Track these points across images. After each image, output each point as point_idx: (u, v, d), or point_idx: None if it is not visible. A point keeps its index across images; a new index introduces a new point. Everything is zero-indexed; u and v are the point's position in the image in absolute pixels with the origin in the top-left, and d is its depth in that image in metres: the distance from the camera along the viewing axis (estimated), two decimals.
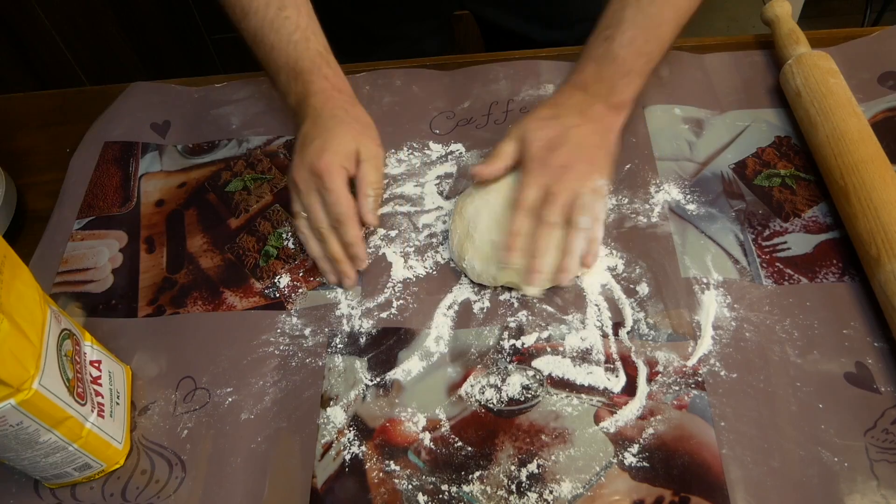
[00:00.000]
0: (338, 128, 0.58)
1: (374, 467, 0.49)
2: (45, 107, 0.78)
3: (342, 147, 0.57)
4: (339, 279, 0.58)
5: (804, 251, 0.57)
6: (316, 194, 0.57)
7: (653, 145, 0.65)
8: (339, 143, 0.57)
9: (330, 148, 0.56)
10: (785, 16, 0.70)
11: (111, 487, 0.50)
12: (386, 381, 0.53)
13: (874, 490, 0.45)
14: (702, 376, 0.50)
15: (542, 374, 0.52)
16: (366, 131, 0.60)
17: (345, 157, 0.57)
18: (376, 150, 0.60)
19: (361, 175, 0.58)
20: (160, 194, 0.68)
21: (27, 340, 0.43)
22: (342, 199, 0.56)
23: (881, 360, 0.50)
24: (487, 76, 0.73)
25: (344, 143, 0.57)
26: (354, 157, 0.58)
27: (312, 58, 0.61)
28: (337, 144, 0.57)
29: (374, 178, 0.58)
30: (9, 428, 0.43)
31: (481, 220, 0.56)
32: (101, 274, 0.62)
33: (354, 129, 0.59)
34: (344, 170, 0.57)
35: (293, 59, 0.61)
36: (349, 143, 0.58)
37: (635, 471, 0.47)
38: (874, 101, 0.66)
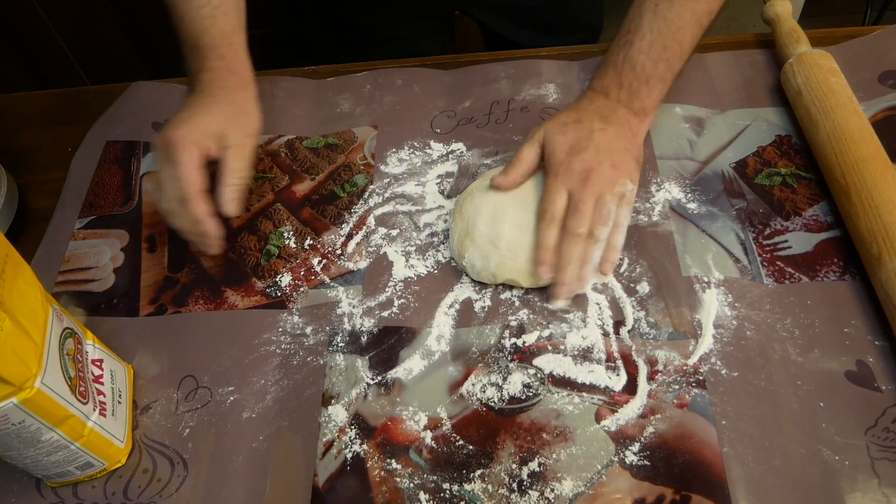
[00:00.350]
0: (208, 106, 0.57)
1: (375, 466, 0.49)
2: (46, 106, 0.79)
3: (203, 125, 0.56)
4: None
5: (805, 250, 0.57)
6: (169, 167, 0.55)
7: (654, 144, 0.65)
8: (202, 120, 0.56)
9: (189, 123, 0.56)
10: (785, 15, 0.70)
11: (113, 486, 0.50)
12: (387, 379, 0.53)
13: (875, 488, 0.45)
14: (703, 375, 0.50)
15: (543, 372, 0.52)
16: (239, 117, 0.58)
17: (203, 136, 0.56)
18: (244, 138, 0.58)
19: (224, 161, 0.56)
20: None
21: (29, 339, 0.43)
22: (186, 174, 0.55)
23: (882, 358, 0.50)
24: (488, 75, 0.73)
25: (207, 122, 0.56)
26: (216, 138, 0.56)
27: (214, 36, 0.60)
28: (198, 121, 0.56)
29: (237, 167, 0.57)
30: (11, 426, 0.43)
31: (481, 219, 0.56)
32: (103, 273, 0.62)
33: (225, 112, 0.57)
34: (196, 147, 0.55)
35: (196, 34, 0.60)
36: (213, 123, 0.56)
37: (636, 469, 0.47)
38: (875, 99, 0.66)
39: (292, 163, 0.69)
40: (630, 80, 0.59)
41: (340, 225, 0.63)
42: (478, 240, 0.55)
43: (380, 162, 0.67)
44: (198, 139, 0.55)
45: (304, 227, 0.64)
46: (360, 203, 0.65)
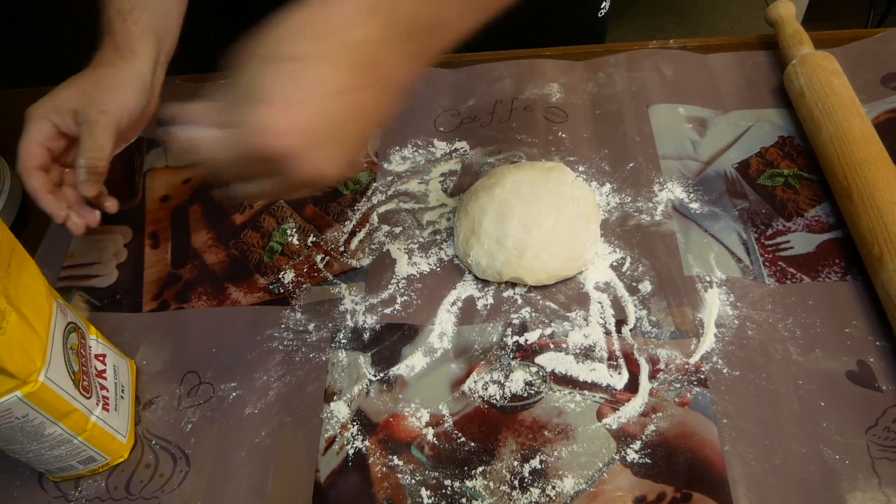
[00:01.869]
0: (71, 81, 0.55)
1: (377, 462, 0.49)
2: None
3: (54, 100, 0.54)
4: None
5: (807, 250, 0.57)
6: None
7: (657, 144, 0.65)
8: (55, 95, 0.55)
9: (46, 98, 0.55)
10: (789, 16, 0.70)
11: (115, 481, 0.51)
12: (389, 376, 0.53)
13: (875, 488, 0.45)
14: (704, 374, 0.51)
15: (546, 370, 0.52)
16: (93, 93, 0.55)
17: (52, 111, 0.54)
18: (96, 115, 0.54)
19: (80, 140, 0.54)
20: (165, 190, 0.68)
21: (34, 333, 0.43)
22: (22, 149, 0.54)
23: (883, 358, 0.50)
24: (492, 74, 0.73)
25: (62, 97, 0.54)
26: (70, 114, 0.54)
27: (111, 14, 0.57)
28: (52, 96, 0.55)
29: (87, 146, 0.54)
30: (14, 420, 0.43)
31: (487, 217, 0.56)
32: (106, 269, 0.62)
33: (81, 86, 0.55)
34: (46, 122, 0.54)
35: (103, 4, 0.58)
36: (66, 99, 0.54)
37: (637, 467, 0.47)
38: (877, 101, 0.66)
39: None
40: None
41: (343, 222, 0.63)
42: (483, 238, 0.56)
43: (383, 160, 0.67)
44: (48, 113, 0.54)
45: (308, 225, 0.64)
46: (363, 200, 0.65)
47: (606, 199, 0.62)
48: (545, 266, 0.55)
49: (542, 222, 0.55)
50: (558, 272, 0.56)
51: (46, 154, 0.55)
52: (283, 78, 0.35)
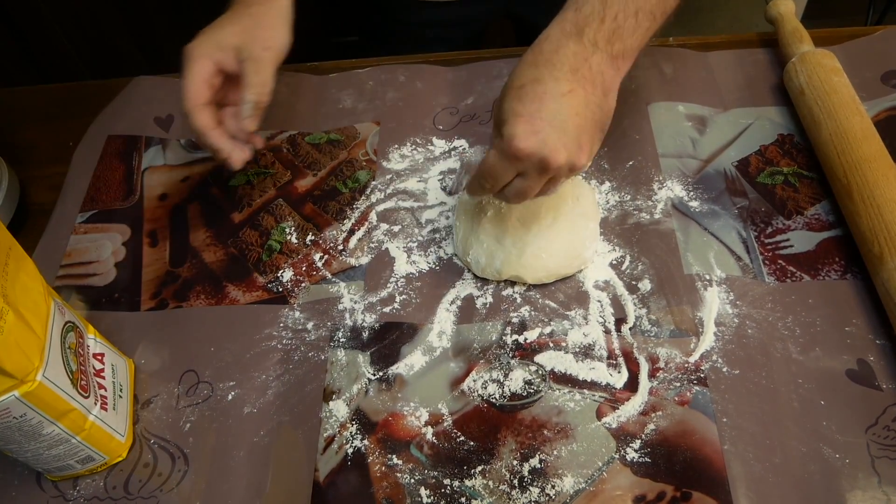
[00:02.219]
0: (227, 20, 0.56)
1: (376, 461, 0.49)
2: (48, 100, 0.78)
3: (216, 38, 0.55)
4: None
5: (806, 249, 0.57)
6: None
7: (656, 142, 0.65)
8: (216, 34, 0.55)
9: (205, 35, 0.55)
10: (789, 14, 0.70)
11: (114, 480, 0.50)
12: (388, 375, 0.53)
13: (875, 487, 0.45)
14: (704, 372, 0.50)
15: (545, 369, 0.52)
16: (254, 31, 0.56)
17: (215, 48, 0.55)
18: (260, 51, 0.55)
19: (242, 76, 0.55)
20: (163, 188, 0.68)
21: (32, 332, 0.43)
22: (187, 87, 0.54)
23: (883, 357, 0.50)
24: (491, 72, 0.73)
25: (222, 35, 0.55)
26: (232, 52, 0.55)
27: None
28: (212, 34, 0.55)
29: (254, 81, 0.55)
30: (12, 420, 0.43)
31: (486, 216, 0.56)
32: (104, 267, 0.62)
33: (241, 25, 0.56)
34: (209, 59, 0.54)
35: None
36: (227, 36, 0.55)
37: (637, 466, 0.47)
38: (877, 99, 0.66)
39: (294, 158, 0.69)
40: (616, 10, 0.47)
41: (342, 221, 0.63)
42: (482, 236, 0.56)
43: (382, 158, 0.67)
44: (211, 51, 0.54)
45: (306, 223, 0.63)
46: (361, 199, 0.65)
47: (606, 198, 0.62)
48: (545, 264, 0.55)
49: (541, 221, 0.55)
50: (558, 271, 0.55)
51: (210, 91, 0.55)
52: (522, 98, 0.46)
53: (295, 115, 0.72)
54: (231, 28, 0.55)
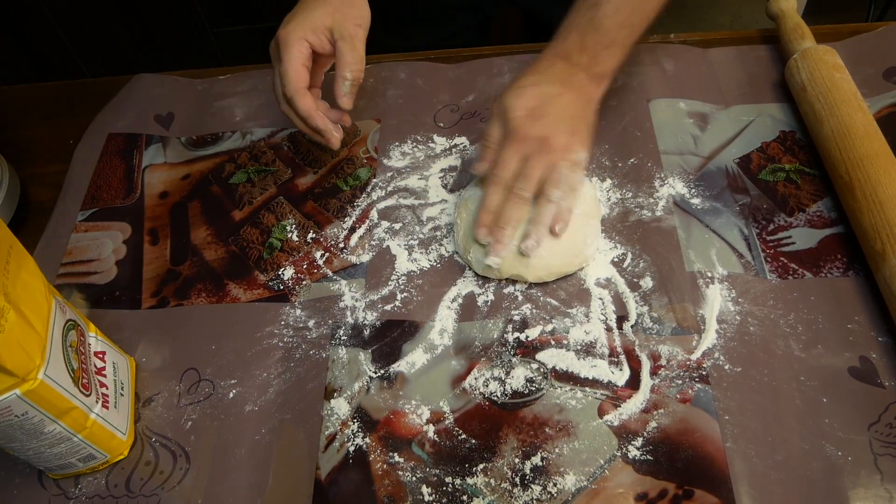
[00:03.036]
0: (311, 2, 0.56)
1: (377, 459, 0.49)
2: (48, 98, 0.78)
3: (309, 20, 0.55)
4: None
5: (808, 246, 0.57)
6: (277, 66, 0.56)
7: (657, 139, 0.65)
8: (308, 16, 0.56)
9: (296, 19, 0.55)
10: (790, 10, 0.70)
11: (115, 478, 0.50)
12: (390, 373, 0.53)
13: (878, 484, 0.45)
14: (706, 370, 0.50)
15: (546, 367, 0.52)
16: (346, 9, 0.57)
17: (310, 31, 0.55)
18: (353, 29, 0.57)
19: (338, 55, 0.56)
20: (164, 186, 0.68)
21: (33, 331, 0.43)
22: (289, 71, 0.55)
23: (885, 354, 0.50)
24: (492, 70, 0.73)
25: (313, 17, 0.56)
26: (325, 32, 0.56)
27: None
28: (304, 17, 0.55)
29: (351, 59, 0.56)
30: (14, 418, 0.43)
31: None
32: (105, 265, 0.62)
33: (331, 6, 0.56)
34: (305, 42, 0.55)
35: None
36: (320, 17, 0.56)
37: (639, 464, 0.47)
38: (879, 96, 0.66)
39: (295, 156, 0.69)
40: (594, 43, 0.57)
41: (343, 218, 0.63)
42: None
43: (382, 156, 0.67)
44: (306, 34, 0.55)
45: (307, 221, 0.63)
46: (362, 196, 0.64)
47: (607, 195, 0.62)
48: (545, 263, 0.55)
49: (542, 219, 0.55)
50: (559, 269, 0.55)
51: (307, 74, 0.56)
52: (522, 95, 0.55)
53: None
54: (322, 9, 0.56)
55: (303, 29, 0.55)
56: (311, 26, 0.55)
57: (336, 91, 0.56)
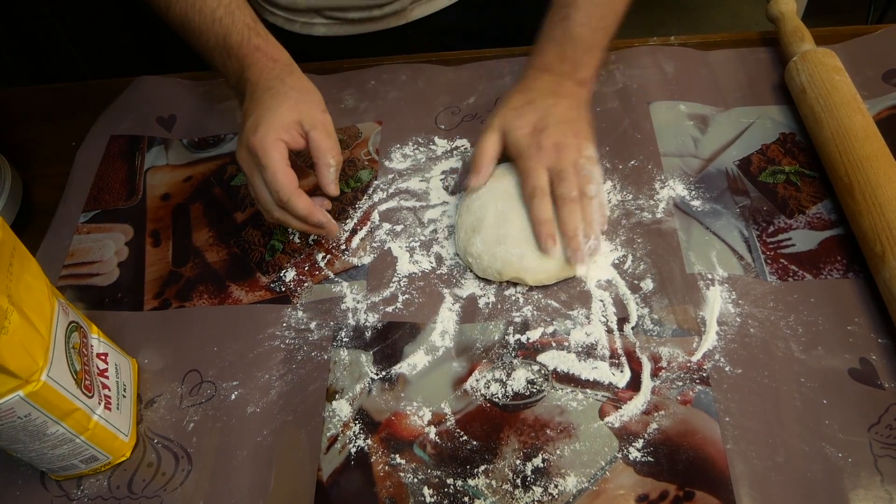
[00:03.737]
0: (272, 100, 0.54)
1: (379, 461, 0.49)
2: (51, 100, 0.79)
3: (277, 119, 0.53)
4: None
5: (809, 247, 0.57)
6: (258, 174, 0.54)
7: (658, 141, 0.65)
8: (274, 115, 0.53)
9: (264, 122, 0.53)
10: (790, 13, 0.70)
11: (117, 480, 0.51)
12: (391, 375, 0.53)
13: (878, 485, 0.45)
14: (706, 372, 0.51)
15: (548, 368, 0.52)
16: (304, 98, 0.56)
17: (282, 130, 0.53)
18: (321, 116, 0.56)
19: (314, 145, 0.54)
20: (166, 188, 0.68)
21: (36, 332, 0.43)
22: (279, 174, 0.52)
23: (885, 356, 0.50)
24: (493, 72, 0.73)
25: (279, 114, 0.53)
26: (296, 127, 0.54)
27: (240, 31, 0.57)
28: (271, 117, 0.53)
29: (329, 146, 0.55)
30: (17, 419, 0.43)
31: (488, 215, 0.56)
32: (107, 267, 0.62)
33: (291, 99, 0.55)
34: (281, 143, 0.53)
35: (222, 37, 0.57)
36: (286, 114, 0.54)
37: (640, 465, 0.47)
38: (879, 98, 0.66)
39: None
40: (573, 53, 0.60)
41: (344, 220, 0.63)
42: (485, 237, 0.56)
43: (384, 158, 0.67)
44: (280, 134, 0.53)
45: None
46: (364, 198, 0.65)
47: (608, 197, 0.62)
48: (546, 267, 0.55)
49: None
50: (559, 273, 0.56)
51: (294, 174, 0.54)
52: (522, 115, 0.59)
53: None
54: (284, 105, 0.54)
55: (275, 130, 0.53)
56: (281, 125, 0.53)
57: (322, 181, 0.54)
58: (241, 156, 0.55)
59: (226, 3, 0.58)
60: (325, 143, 0.54)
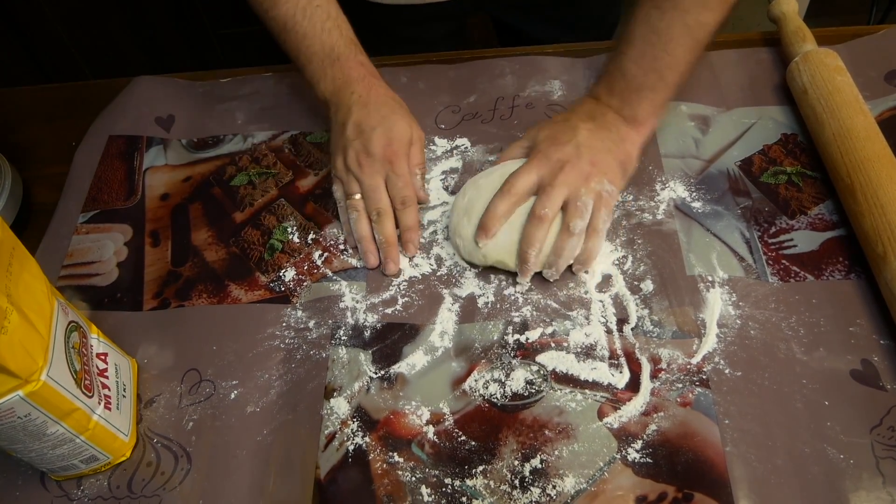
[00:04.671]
0: (393, 116, 0.61)
1: (377, 458, 0.49)
2: (50, 100, 0.79)
3: (404, 135, 0.61)
4: (383, 263, 0.59)
5: (810, 248, 0.57)
6: (380, 178, 0.59)
7: (659, 142, 0.65)
8: (400, 130, 0.61)
9: (395, 136, 0.60)
10: (791, 13, 0.70)
11: (117, 480, 0.50)
12: (390, 374, 0.53)
13: (880, 487, 0.45)
14: (706, 374, 0.50)
15: (546, 369, 0.52)
16: (410, 116, 0.63)
17: (407, 144, 0.61)
18: (420, 133, 0.63)
19: (411, 157, 0.61)
20: (165, 188, 0.68)
21: (36, 332, 0.43)
22: (409, 183, 0.60)
23: (887, 357, 0.50)
24: (493, 71, 0.73)
25: (404, 130, 0.61)
26: (409, 142, 0.61)
27: (347, 44, 0.63)
28: (399, 132, 0.60)
29: (421, 160, 0.63)
30: (17, 419, 0.43)
31: (481, 201, 0.57)
32: (107, 267, 0.62)
33: (407, 117, 0.62)
34: (407, 156, 0.61)
35: (328, 46, 0.62)
36: (406, 129, 0.61)
37: (638, 467, 0.47)
38: (880, 98, 0.66)
39: (296, 158, 0.69)
40: (621, 89, 0.59)
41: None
42: (474, 219, 0.56)
43: None
44: (406, 149, 0.61)
45: (308, 222, 0.64)
46: None
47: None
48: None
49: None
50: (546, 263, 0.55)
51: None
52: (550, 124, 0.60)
53: (297, 115, 0.72)
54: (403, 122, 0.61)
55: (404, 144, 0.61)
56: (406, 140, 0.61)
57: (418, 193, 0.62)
58: (365, 160, 0.59)
59: (334, 17, 0.63)
60: (418, 158, 0.62)
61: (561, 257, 0.54)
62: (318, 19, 0.62)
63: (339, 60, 0.62)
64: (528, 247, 0.54)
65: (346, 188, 0.61)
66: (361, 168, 0.59)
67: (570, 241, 0.54)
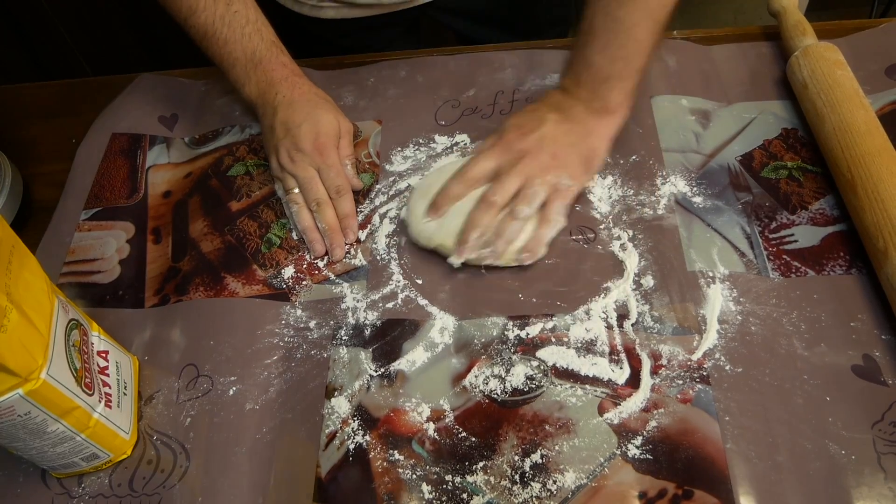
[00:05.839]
0: (318, 111, 0.63)
1: (377, 457, 0.49)
2: (51, 97, 0.79)
3: (331, 128, 0.63)
4: (328, 250, 0.60)
5: (811, 243, 0.56)
6: (313, 170, 0.61)
7: (659, 136, 0.64)
8: (327, 123, 0.63)
9: (322, 130, 0.62)
10: (791, 7, 0.70)
11: (118, 477, 0.51)
12: (390, 371, 0.53)
13: (881, 483, 0.45)
14: (707, 370, 0.50)
15: (547, 364, 0.52)
16: (336, 109, 0.65)
17: (335, 137, 0.63)
18: (349, 125, 0.66)
19: (341, 149, 0.64)
20: (167, 186, 0.68)
21: (36, 330, 0.43)
22: (342, 173, 0.62)
23: (889, 352, 0.50)
24: (493, 64, 0.73)
25: (330, 123, 0.63)
26: (338, 134, 0.64)
27: (268, 47, 0.64)
28: (326, 126, 0.62)
29: (351, 151, 0.65)
30: (17, 418, 0.43)
31: (439, 182, 0.58)
32: (109, 265, 0.62)
33: (333, 111, 0.64)
34: (337, 148, 0.62)
35: (249, 51, 0.63)
36: (332, 122, 0.63)
37: (639, 462, 0.47)
38: (881, 93, 0.65)
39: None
40: (588, 80, 0.59)
41: None
42: (424, 202, 0.57)
43: (385, 161, 0.67)
44: (335, 141, 0.63)
45: None
46: (365, 203, 0.64)
47: (608, 192, 0.62)
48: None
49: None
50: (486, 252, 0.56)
51: None
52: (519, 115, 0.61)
53: None
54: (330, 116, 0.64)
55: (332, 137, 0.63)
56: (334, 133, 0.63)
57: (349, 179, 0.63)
58: (296, 155, 0.61)
59: (253, 20, 0.64)
60: (347, 149, 0.65)
61: (500, 238, 0.55)
62: (237, 25, 0.63)
63: (262, 64, 0.63)
64: (471, 228, 0.55)
65: (284, 185, 0.62)
66: (294, 164, 0.61)
67: (511, 224, 0.55)
